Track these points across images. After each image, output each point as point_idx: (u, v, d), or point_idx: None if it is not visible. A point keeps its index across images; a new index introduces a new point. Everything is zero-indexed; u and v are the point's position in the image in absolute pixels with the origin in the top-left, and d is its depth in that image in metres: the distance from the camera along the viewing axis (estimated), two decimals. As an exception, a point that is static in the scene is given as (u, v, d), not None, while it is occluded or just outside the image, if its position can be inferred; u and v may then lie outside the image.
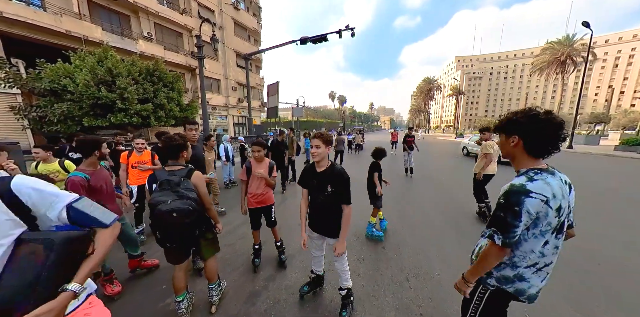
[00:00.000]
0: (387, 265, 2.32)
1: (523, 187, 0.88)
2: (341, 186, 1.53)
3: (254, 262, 2.28)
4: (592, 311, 1.72)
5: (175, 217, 1.30)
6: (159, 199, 1.32)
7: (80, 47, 10.01)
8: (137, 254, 2.13)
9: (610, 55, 63.61)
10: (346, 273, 1.70)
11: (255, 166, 2.20)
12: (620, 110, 37.90)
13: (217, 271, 1.77)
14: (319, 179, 1.58)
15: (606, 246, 2.66)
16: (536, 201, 0.86)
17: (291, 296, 1.90)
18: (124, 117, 8.89)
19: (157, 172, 1.49)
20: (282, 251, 2.38)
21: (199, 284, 2.02)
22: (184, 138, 1.59)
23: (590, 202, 4.18)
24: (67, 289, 0.69)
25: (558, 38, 29.36)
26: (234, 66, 19.11)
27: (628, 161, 9.60)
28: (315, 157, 1.53)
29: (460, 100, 45.83)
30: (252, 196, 2.22)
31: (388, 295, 1.90)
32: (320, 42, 8.40)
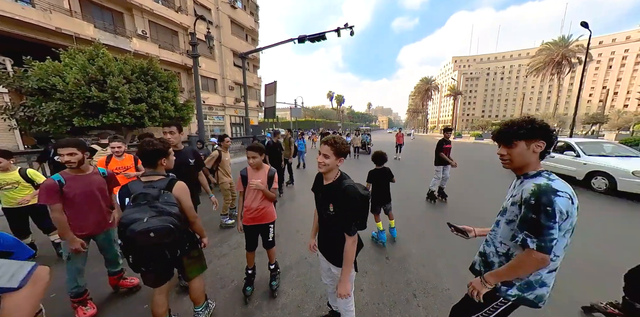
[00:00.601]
0: (391, 278, 2.15)
1: (550, 187, 0.86)
2: (344, 207, 1.18)
3: (245, 290, 1.92)
4: None
5: (152, 237, 1.09)
6: (133, 217, 1.10)
7: (71, 45, 9.70)
8: (117, 270, 1.94)
9: (604, 56, 64.56)
10: (350, 314, 1.38)
11: (251, 175, 1.87)
12: (614, 111, 38.41)
13: (204, 291, 1.58)
14: (322, 194, 1.32)
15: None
16: (565, 200, 0.85)
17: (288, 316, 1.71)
18: (117, 117, 8.61)
19: (130, 184, 1.28)
20: (275, 277, 2.04)
21: (186, 305, 1.82)
22: (165, 143, 1.38)
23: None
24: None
25: (554, 39, 29.64)
26: (230, 65, 18.84)
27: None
28: (321, 167, 1.23)
29: (458, 100, 46.07)
30: (247, 210, 1.88)
31: (395, 314, 1.73)
32: (318, 40, 8.23)
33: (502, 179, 6.41)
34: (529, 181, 0.93)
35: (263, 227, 1.95)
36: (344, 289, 1.22)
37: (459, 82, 76.47)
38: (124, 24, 12.73)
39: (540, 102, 75.95)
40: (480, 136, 27.17)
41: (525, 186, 0.91)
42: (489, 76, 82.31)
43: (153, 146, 1.31)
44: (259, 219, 1.90)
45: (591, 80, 67.31)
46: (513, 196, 0.98)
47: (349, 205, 1.18)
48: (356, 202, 1.18)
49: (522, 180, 0.98)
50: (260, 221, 1.91)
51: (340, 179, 1.24)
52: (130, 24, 12.91)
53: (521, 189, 0.93)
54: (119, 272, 1.95)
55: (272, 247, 2.02)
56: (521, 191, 0.92)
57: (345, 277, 1.23)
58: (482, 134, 27.91)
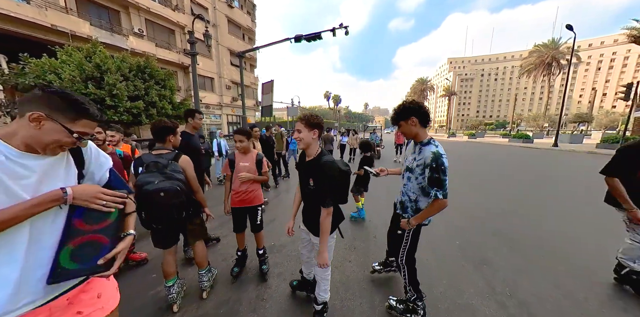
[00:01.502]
0: (377, 253, 2.37)
1: (439, 152, 1.28)
2: (321, 182, 1.27)
3: (232, 271, 1.97)
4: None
5: (162, 197, 1.29)
6: (146, 180, 1.31)
7: (67, 42, 9.69)
8: None
9: (594, 58, 66.39)
10: (326, 283, 1.47)
11: (239, 159, 1.92)
12: (603, 111, 39.61)
13: (206, 256, 1.77)
14: (304, 170, 1.40)
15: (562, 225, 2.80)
16: (446, 160, 1.28)
17: (283, 283, 1.92)
18: (114, 115, 8.68)
19: (143, 156, 1.49)
20: (264, 261, 2.06)
21: (190, 273, 2.01)
22: (174, 123, 1.62)
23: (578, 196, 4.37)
24: (130, 233, 0.84)
25: (544, 41, 30.45)
26: (227, 65, 18.91)
27: (607, 157, 10.04)
28: (299, 143, 1.34)
29: (453, 100, 46.84)
30: (235, 193, 1.92)
31: (379, 278, 1.96)
32: (314, 40, 8.42)
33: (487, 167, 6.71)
34: (425, 148, 1.34)
35: (251, 209, 1.98)
36: (322, 258, 1.33)
37: (454, 83, 77.62)
38: (120, 22, 12.73)
39: (533, 103, 77.61)
40: (474, 135, 27.73)
41: (425, 154, 1.30)
42: (483, 77, 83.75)
43: (164, 123, 1.55)
44: (247, 202, 1.93)
45: (581, 82, 69.12)
46: (417, 160, 1.38)
47: (326, 179, 1.27)
48: (332, 177, 1.27)
49: (420, 147, 1.38)
50: (249, 203, 1.94)
51: (319, 155, 1.33)
52: (127, 22, 12.91)
53: (423, 156, 1.33)
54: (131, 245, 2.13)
55: (260, 231, 2.04)
56: (423, 158, 1.32)
57: (322, 247, 1.33)
58: (475, 134, 28.48)
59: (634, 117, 12.98)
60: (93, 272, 0.72)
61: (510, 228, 2.99)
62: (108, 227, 0.76)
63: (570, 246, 2.54)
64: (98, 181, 0.85)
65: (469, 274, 2.05)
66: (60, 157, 0.74)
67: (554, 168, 7.60)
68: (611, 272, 1.95)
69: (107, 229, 0.76)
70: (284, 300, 1.74)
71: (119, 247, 0.77)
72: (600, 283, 1.93)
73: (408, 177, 1.45)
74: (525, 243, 2.60)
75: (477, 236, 2.78)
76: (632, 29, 13.03)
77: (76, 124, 0.69)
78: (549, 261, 2.26)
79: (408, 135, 1.42)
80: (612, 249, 2.45)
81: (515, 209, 3.72)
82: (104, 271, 0.73)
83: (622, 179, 1.72)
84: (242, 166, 1.91)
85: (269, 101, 13.00)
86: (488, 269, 2.12)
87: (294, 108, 21.79)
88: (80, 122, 0.70)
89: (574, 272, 2.08)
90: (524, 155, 11.01)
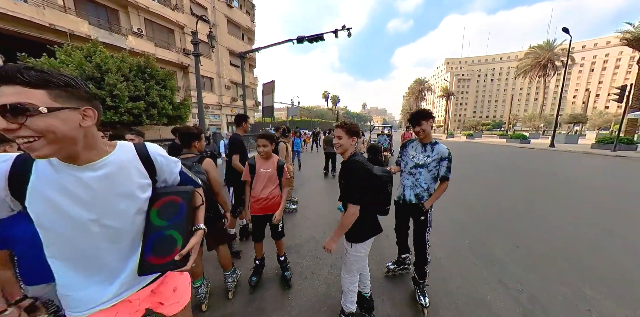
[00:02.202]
0: (389, 249, 2.43)
1: (448, 149, 1.70)
2: (346, 179, 1.33)
3: (250, 280, 1.88)
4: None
5: None
6: None
7: (65, 41, 9.57)
8: None
9: (587, 60, 67.65)
10: (352, 295, 1.46)
11: (260, 164, 1.83)
12: (596, 112, 40.39)
13: (230, 258, 1.81)
14: (340, 171, 1.43)
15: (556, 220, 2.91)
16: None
17: (305, 281, 1.97)
18: (114, 115, 8.60)
19: None
20: (286, 267, 2.01)
21: (214, 274, 2.05)
22: (198, 129, 1.67)
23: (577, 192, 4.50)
24: (200, 228, 0.89)
25: (539, 43, 30.93)
26: (227, 64, 18.84)
27: (602, 157, 10.36)
28: (337, 148, 1.38)
29: (450, 101, 47.27)
30: (256, 200, 1.82)
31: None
32: (316, 41, 8.47)
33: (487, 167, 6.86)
34: (438, 146, 1.69)
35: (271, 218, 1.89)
36: (328, 243, 1.34)
37: (451, 84, 78.31)
38: (119, 22, 12.61)
39: (529, 103, 78.75)
40: (471, 135, 28.07)
41: (441, 150, 1.67)
42: (479, 78, 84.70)
43: (190, 130, 1.60)
44: (268, 209, 1.85)
45: (575, 83, 70.37)
46: (431, 156, 1.68)
47: (350, 176, 1.30)
48: (358, 174, 1.27)
49: (432, 146, 1.71)
50: (270, 210, 1.85)
51: (351, 156, 1.37)
52: (126, 22, 12.80)
53: (438, 152, 1.67)
54: None
55: (282, 238, 1.99)
56: (439, 153, 1.67)
57: (334, 236, 1.33)
58: (472, 134, 28.84)
59: (627, 118, 13.30)
60: (171, 267, 0.78)
61: (515, 226, 3.09)
62: (179, 221, 0.81)
63: (572, 243, 2.64)
64: (167, 183, 0.90)
65: (480, 271, 2.13)
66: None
67: (553, 167, 7.77)
68: (611, 268, 2.05)
69: (178, 223, 0.81)
70: (309, 298, 1.80)
71: (191, 242, 0.80)
72: (602, 278, 2.03)
73: (420, 172, 1.75)
74: (530, 240, 2.70)
75: (484, 233, 2.87)
76: (626, 32, 13.37)
77: None
78: (553, 257, 2.36)
79: (424, 134, 1.68)
80: (611, 246, 2.57)
81: (518, 207, 3.83)
82: (181, 266, 0.78)
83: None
84: (262, 172, 1.82)
85: (270, 102, 13.02)
86: (498, 266, 2.20)
87: (293, 108, 21.82)
88: None
89: (577, 268, 2.17)
90: (523, 156, 11.22)
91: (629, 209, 3.71)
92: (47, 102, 0.54)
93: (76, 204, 0.65)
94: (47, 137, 0.55)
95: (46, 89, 0.55)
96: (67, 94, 0.58)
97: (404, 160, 1.86)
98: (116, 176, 0.71)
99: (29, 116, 0.52)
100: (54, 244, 0.67)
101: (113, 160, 0.71)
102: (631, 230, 2.95)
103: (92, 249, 0.70)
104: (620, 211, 3.65)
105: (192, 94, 16.07)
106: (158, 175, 0.84)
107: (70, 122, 0.58)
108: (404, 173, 1.85)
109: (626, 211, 3.64)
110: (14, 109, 0.50)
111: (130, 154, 0.78)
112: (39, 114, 0.53)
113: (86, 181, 0.66)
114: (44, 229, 0.65)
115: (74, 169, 0.65)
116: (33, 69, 0.55)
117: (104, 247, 0.71)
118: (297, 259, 2.33)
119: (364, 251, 1.41)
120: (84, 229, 0.67)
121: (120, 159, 0.73)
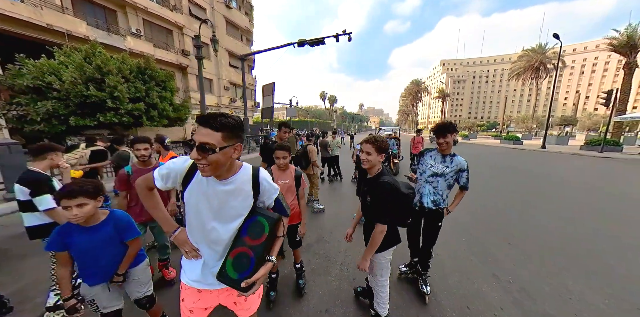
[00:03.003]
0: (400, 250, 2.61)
1: (466, 161, 1.87)
2: (376, 200, 1.35)
3: (268, 295, 1.82)
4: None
5: None
6: None
7: (63, 42, 9.51)
8: (165, 258, 2.16)
9: (577, 63, 69.55)
10: (382, 298, 1.53)
11: (278, 176, 1.80)
12: (586, 114, 41.62)
13: None
14: (366, 186, 1.49)
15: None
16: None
17: (319, 277, 2.11)
18: (114, 117, 8.60)
19: None
20: (302, 275, 2.00)
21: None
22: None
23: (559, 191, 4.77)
24: (272, 260, 0.91)
25: (532, 46, 31.72)
26: (226, 65, 18.84)
27: (590, 158, 10.81)
28: (365, 164, 1.39)
29: (446, 102, 48.01)
30: None
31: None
32: (317, 45, 8.64)
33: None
34: (457, 158, 1.83)
35: (291, 228, 1.90)
36: (361, 263, 1.42)
37: (447, 85, 79.47)
38: (117, 22, 12.54)
39: (522, 105, 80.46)
40: (467, 137, 28.62)
41: (461, 161, 1.81)
42: (474, 79, 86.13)
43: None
44: (288, 221, 1.80)
45: (566, 85, 72.25)
46: (450, 167, 1.81)
47: (381, 199, 1.33)
48: (387, 197, 1.31)
49: (451, 157, 1.83)
50: (290, 222, 1.81)
51: (379, 175, 1.38)
52: (124, 22, 12.74)
53: (458, 164, 1.81)
54: (166, 259, 2.16)
55: (299, 247, 1.99)
56: (458, 164, 1.81)
57: (366, 256, 1.41)
58: (468, 135, 29.40)
59: (614, 121, 13.84)
60: (236, 287, 0.85)
61: (509, 224, 3.30)
62: (260, 244, 0.87)
63: (561, 240, 2.86)
64: (266, 206, 1.00)
65: (476, 266, 2.32)
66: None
67: (546, 169, 8.09)
68: (593, 263, 2.26)
69: (257, 247, 0.87)
70: (323, 292, 1.95)
71: (259, 273, 0.85)
72: (585, 272, 2.24)
73: (437, 180, 1.87)
74: (522, 238, 2.90)
75: (480, 232, 3.07)
76: (612, 39, 13.93)
77: None
78: (544, 253, 2.56)
79: (447, 146, 1.80)
80: (596, 243, 2.80)
81: (514, 207, 4.06)
82: (244, 292, 0.84)
83: None
84: (281, 184, 1.77)
85: (270, 103, 13.11)
86: (492, 262, 2.40)
87: (292, 109, 21.93)
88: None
89: (566, 263, 2.38)
90: (517, 157, 11.60)
91: (614, 209, 3.98)
92: (220, 143, 0.76)
93: (207, 206, 0.87)
94: (212, 165, 0.78)
95: (222, 131, 0.77)
96: (232, 134, 0.79)
97: (421, 168, 1.94)
98: (236, 191, 0.89)
99: (209, 153, 0.76)
100: (191, 229, 0.94)
101: (238, 178, 0.90)
102: (615, 229, 3.20)
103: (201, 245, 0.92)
104: (606, 210, 3.92)
105: (191, 95, 16.03)
106: (260, 196, 0.96)
107: (228, 155, 0.81)
108: (421, 180, 1.93)
109: (611, 211, 3.91)
110: (203, 146, 0.75)
111: (248, 176, 0.93)
112: (214, 152, 0.76)
113: (219, 191, 0.87)
114: (188, 217, 0.92)
115: (215, 182, 0.87)
116: (221, 116, 0.78)
117: (207, 246, 0.91)
118: (309, 257, 2.49)
119: (384, 260, 1.51)
120: (203, 227, 0.89)
121: (242, 179, 0.91)
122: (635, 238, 2.90)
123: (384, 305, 1.55)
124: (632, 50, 13.46)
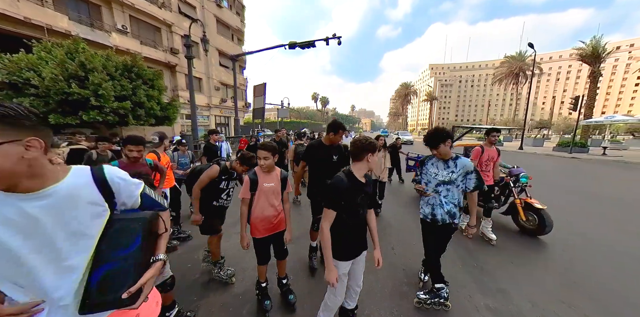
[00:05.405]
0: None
1: (470, 162, 1.68)
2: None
3: (264, 305, 1.70)
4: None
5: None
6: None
7: (42, 37, 9.09)
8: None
9: (554, 70, 74.46)
10: (328, 309, 1.43)
11: (262, 178, 1.62)
12: (561, 118, 44.58)
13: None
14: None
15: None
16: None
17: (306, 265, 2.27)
18: (98, 115, 8.31)
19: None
20: (290, 290, 1.84)
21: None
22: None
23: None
24: (160, 259, 0.81)
25: (512, 54, 33.69)
26: (216, 65, 18.61)
27: (560, 158, 11.75)
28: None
29: (434, 105, 49.73)
30: (261, 220, 1.63)
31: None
32: (307, 47, 8.82)
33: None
34: (461, 161, 1.64)
35: (278, 235, 1.73)
36: (326, 274, 1.24)
37: (435, 88, 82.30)
38: (101, 18, 12.12)
39: (504, 108, 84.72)
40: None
41: (466, 163, 1.62)
42: (461, 83, 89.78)
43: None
44: (275, 228, 1.68)
45: (544, 90, 77.04)
46: (456, 172, 1.62)
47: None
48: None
49: (454, 161, 1.66)
50: (276, 229, 1.69)
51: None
52: (109, 18, 12.33)
53: (463, 166, 1.62)
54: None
55: (286, 257, 1.82)
56: (464, 167, 1.62)
57: (328, 264, 1.24)
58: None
59: (582, 125, 15.05)
60: (118, 306, 0.67)
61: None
62: (133, 251, 0.71)
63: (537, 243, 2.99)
64: (127, 206, 0.83)
65: (462, 272, 2.29)
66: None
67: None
68: (562, 258, 2.56)
69: (131, 254, 0.71)
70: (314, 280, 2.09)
71: (144, 277, 0.71)
72: (568, 270, 2.50)
73: (447, 189, 1.65)
74: (504, 243, 2.90)
75: (464, 239, 2.96)
76: (579, 49, 15.21)
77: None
78: (524, 257, 2.62)
79: (444, 155, 1.64)
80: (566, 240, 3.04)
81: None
82: (130, 305, 0.68)
83: None
84: (267, 187, 1.63)
85: (261, 104, 13.11)
86: (476, 267, 2.39)
87: (284, 110, 21.94)
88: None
89: (543, 263, 2.48)
90: (495, 157, 12.29)
91: (566, 202, 4.45)
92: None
93: (17, 234, 0.58)
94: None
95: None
96: (8, 126, 0.54)
97: (425, 178, 1.74)
98: (64, 205, 0.64)
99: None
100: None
101: (62, 188, 0.65)
102: (585, 226, 3.54)
103: (30, 280, 0.61)
104: (554, 202, 4.31)
105: (180, 94, 15.68)
106: (116, 198, 0.78)
107: (11, 156, 0.54)
108: (428, 191, 1.72)
109: (579, 208, 4.31)
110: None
111: (85, 179, 0.71)
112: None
113: (28, 210, 0.59)
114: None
115: (16, 199, 0.59)
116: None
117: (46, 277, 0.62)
118: (297, 248, 2.63)
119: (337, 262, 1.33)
120: (17, 261, 0.59)
121: (70, 187, 0.66)
122: (581, 226, 3.28)
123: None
124: (596, 60, 14.73)
